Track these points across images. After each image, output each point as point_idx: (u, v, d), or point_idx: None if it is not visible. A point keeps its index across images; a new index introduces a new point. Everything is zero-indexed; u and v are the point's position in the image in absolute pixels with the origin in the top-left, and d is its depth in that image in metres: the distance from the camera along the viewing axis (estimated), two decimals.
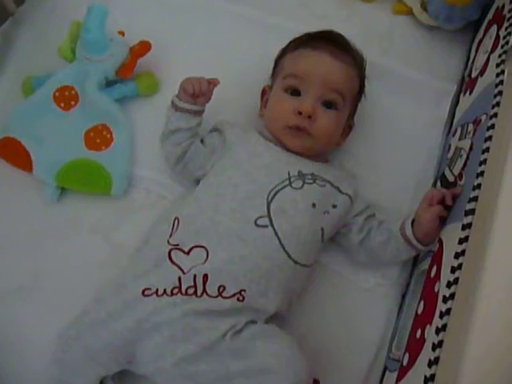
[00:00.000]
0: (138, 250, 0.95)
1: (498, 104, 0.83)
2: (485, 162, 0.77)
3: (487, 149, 0.78)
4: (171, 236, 0.88)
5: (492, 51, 0.99)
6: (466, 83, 1.16)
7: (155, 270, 0.85)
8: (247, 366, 0.78)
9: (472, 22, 1.23)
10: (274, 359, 0.78)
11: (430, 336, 0.70)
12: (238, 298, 0.83)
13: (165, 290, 0.83)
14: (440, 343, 0.66)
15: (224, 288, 0.83)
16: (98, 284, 0.91)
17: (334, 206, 0.95)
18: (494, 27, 1.05)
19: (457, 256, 0.72)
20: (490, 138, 0.79)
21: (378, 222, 0.98)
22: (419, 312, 0.85)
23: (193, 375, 0.81)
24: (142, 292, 0.83)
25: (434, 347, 0.66)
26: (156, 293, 0.83)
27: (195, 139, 1.02)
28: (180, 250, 0.86)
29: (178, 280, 0.83)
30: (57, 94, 1.08)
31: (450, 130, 1.14)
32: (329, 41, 1.01)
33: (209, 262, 0.84)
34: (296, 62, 1.01)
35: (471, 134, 0.92)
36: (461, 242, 0.73)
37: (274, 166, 0.94)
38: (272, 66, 1.09)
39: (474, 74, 1.09)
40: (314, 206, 0.92)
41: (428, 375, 0.64)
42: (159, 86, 1.15)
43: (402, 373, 0.81)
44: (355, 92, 1.04)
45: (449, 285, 0.70)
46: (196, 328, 0.81)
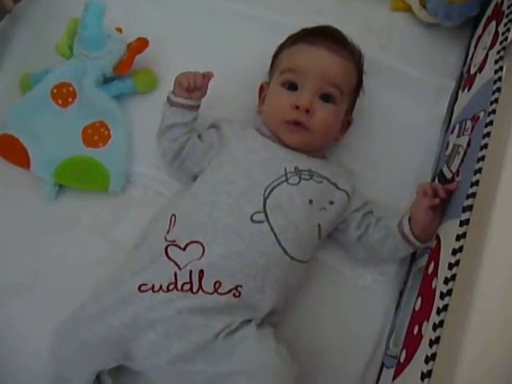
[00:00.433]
0: (136, 246, 0.95)
1: (496, 101, 0.82)
2: (483, 158, 0.77)
3: (485, 145, 0.78)
4: (168, 232, 0.88)
5: (491, 48, 0.99)
6: (465, 80, 1.16)
7: (152, 266, 0.85)
8: (232, 368, 0.79)
9: (471, 19, 1.22)
10: (258, 364, 0.78)
11: (427, 332, 0.71)
12: (234, 294, 0.83)
13: (161, 286, 0.83)
14: (437, 339, 0.66)
15: (220, 284, 0.83)
16: (96, 281, 0.91)
17: (331, 203, 0.95)
18: (493, 23, 1.05)
19: (454, 252, 0.72)
20: (488, 134, 0.79)
21: (376, 219, 0.98)
22: (416, 308, 0.85)
23: (187, 373, 0.82)
24: (139, 288, 0.83)
25: (431, 343, 0.66)
26: (152, 288, 0.83)
27: (192, 135, 1.01)
28: (176, 245, 0.86)
29: (174, 276, 0.83)
30: (54, 90, 1.08)
31: (448, 126, 1.14)
32: (326, 36, 1.01)
33: (205, 257, 0.84)
34: (293, 56, 1.01)
35: (469, 131, 0.92)
36: (458, 238, 0.73)
37: (271, 163, 0.94)
38: (270, 62, 1.09)
39: (472, 71, 1.09)
40: (310, 202, 0.92)
41: (425, 371, 0.64)
42: (157, 82, 1.15)
43: (399, 369, 0.81)
44: (353, 86, 1.03)
45: (446, 281, 0.70)
46: (191, 326, 0.81)
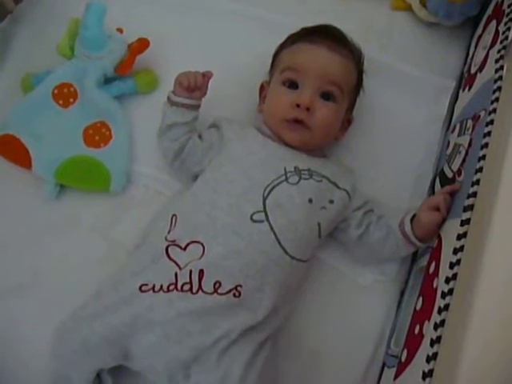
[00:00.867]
0: (137, 246, 0.95)
1: (497, 100, 0.82)
2: (484, 157, 0.77)
3: (486, 145, 0.78)
4: (169, 232, 0.88)
5: (491, 47, 0.99)
6: (465, 79, 1.15)
7: (152, 266, 0.85)
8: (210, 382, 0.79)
9: (471, 18, 1.22)
10: None
11: (429, 332, 0.71)
12: (234, 294, 0.83)
13: (161, 286, 0.83)
14: (438, 339, 0.66)
15: (220, 284, 0.83)
16: (97, 281, 0.91)
17: (330, 202, 0.95)
18: (494, 23, 1.05)
19: (455, 252, 0.72)
20: (489, 133, 0.79)
21: (377, 217, 0.98)
22: (418, 308, 0.85)
23: (180, 379, 0.83)
24: (139, 288, 0.83)
25: (433, 343, 0.66)
26: (153, 289, 0.83)
27: (192, 134, 1.01)
28: (177, 245, 0.86)
29: (174, 276, 0.83)
30: (55, 91, 1.08)
31: (448, 126, 1.14)
32: (326, 35, 1.01)
33: (205, 257, 0.84)
34: (293, 55, 1.01)
35: (470, 130, 0.92)
36: (459, 237, 0.73)
37: (270, 162, 0.94)
38: (270, 62, 1.09)
39: (473, 70, 1.09)
40: (310, 201, 0.92)
41: (426, 371, 0.65)
42: (158, 82, 1.15)
43: (401, 369, 0.81)
44: (353, 85, 1.03)
45: (447, 280, 0.70)
46: (190, 331, 0.81)
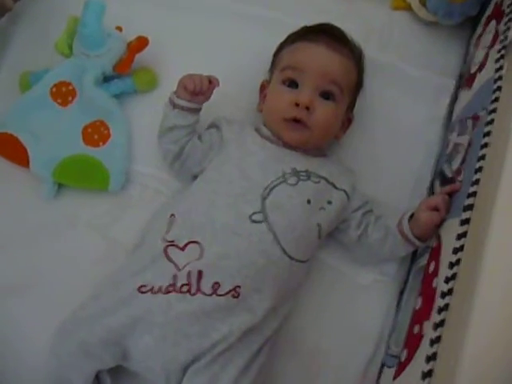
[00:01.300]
0: (135, 246, 0.95)
1: (496, 99, 0.82)
2: (483, 157, 0.77)
3: (486, 144, 0.78)
4: (168, 233, 0.88)
5: (491, 46, 0.99)
6: (465, 79, 1.15)
7: (151, 267, 0.85)
8: None
9: (471, 18, 1.22)
10: None
11: (428, 331, 0.70)
12: (233, 295, 0.83)
13: (160, 288, 0.83)
14: (438, 339, 0.66)
15: (219, 285, 0.82)
16: (96, 280, 0.92)
17: (329, 202, 0.95)
18: (493, 22, 1.05)
19: (455, 251, 0.72)
20: (489, 133, 0.79)
21: (375, 218, 0.98)
22: (417, 308, 0.85)
23: (178, 381, 0.83)
24: (138, 289, 0.83)
25: (432, 343, 0.66)
26: (151, 290, 0.83)
27: (192, 136, 1.01)
28: (176, 246, 0.86)
29: (173, 277, 0.83)
30: (54, 89, 1.08)
31: (448, 125, 1.14)
32: (326, 33, 1.01)
33: (203, 257, 0.83)
34: (293, 54, 1.01)
35: (470, 130, 0.91)
36: (459, 237, 0.73)
37: (269, 164, 0.94)
38: (270, 61, 1.09)
39: (472, 70, 1.09)
40: (308, 202, 0.91)
41: (426, 371, 0.64)
42: (157, 81, 1.14)
43: (400, 368, 0.81)
44: (353, 84, 1.03)
45: (447, 280, 0.70)
46: (188, 333, 0.81)
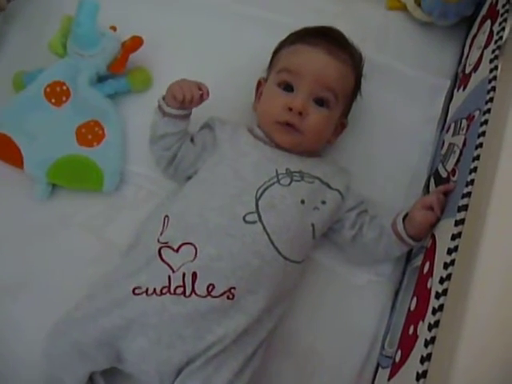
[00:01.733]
0: (129, 247, 0.95)
1: (491, 100, 0.82)
2: (478, 157, 0.77)
3: (480, 144, 0.78)
4: (161, 234, 0.87)
5: (486, 47, 0.99)
6: (460, 79, 1.15)
7: (146, 269, 0.85)
8: None
9: (466, 18, 1.22)
10: None
11: (423, 332, 0.70)
12: (228, 296, 0.82)
13: (154, 290, 0.82)
14: (432, 339, 0.66)
15: (213, 287, 0.82)
16: (90, 280, 0.91)
17: (323, 202, 0.94)
18: (488, 23, 1.05)
19: (450, 252, 0.72)
20: (484, 133, 0.79)
21: (370, 218, 0.98)
22: (412, 308, 0.85)
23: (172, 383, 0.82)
24: (133, 291, 0.83)
25: (427, 343, 0.66)
26: (146, 292, 0.83)
27: (185, 140, 1.01)
28: (169, 247, 0.85)
29: (167, 279, 0.83)
30: (48, 89, 1.07)
31: (443, 125, 1.14)
32: (326, 37, 1.00)
33: (197, 258, 0.83)
34: (291, 56, 1.00)
35: (464, 130, 0.92)
36: (454, 237, 0.73)
37: (262, 164, 0.94)
38: (267, 62, 1.08)
39: (467, 70, 1.09)
40: (302, 202, 0.91)
41: (420, 372, 0.64)
42: (151, 81, 1.14)
43: (395, 369, 0.81)
44: (349, 91, 1.02)
45: (441, 281, 0.70)
46: (182, 335, 0.81)
